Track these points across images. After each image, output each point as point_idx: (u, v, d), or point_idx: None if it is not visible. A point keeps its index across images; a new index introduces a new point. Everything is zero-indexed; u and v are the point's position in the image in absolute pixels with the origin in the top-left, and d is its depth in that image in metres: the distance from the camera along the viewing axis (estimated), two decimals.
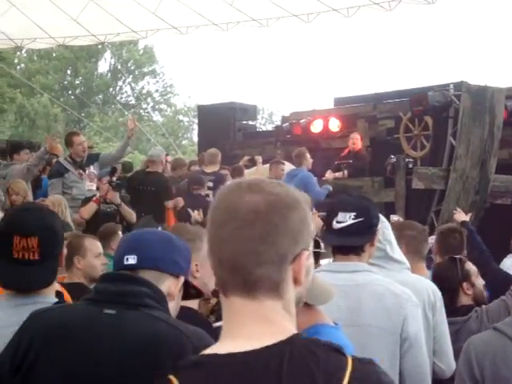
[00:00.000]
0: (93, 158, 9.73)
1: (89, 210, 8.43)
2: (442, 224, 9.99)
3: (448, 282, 4.75)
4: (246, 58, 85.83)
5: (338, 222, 3.42)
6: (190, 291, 2.63)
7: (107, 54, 47.82)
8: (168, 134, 33.09)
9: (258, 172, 11.38)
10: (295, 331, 1.57)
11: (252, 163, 12.14)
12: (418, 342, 3.39)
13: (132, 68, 49.42)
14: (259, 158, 11.72)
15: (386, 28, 78.90)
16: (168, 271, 2.46)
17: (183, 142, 47.52)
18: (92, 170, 9.51)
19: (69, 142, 9.57)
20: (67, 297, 3.46)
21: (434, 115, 11.37)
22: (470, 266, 4.94)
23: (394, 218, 7.97)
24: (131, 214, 8.66)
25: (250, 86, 75.56)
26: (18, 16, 16.37)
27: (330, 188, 10.96)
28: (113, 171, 8.84)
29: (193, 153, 25.04)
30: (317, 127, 13.59)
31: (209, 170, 10.75)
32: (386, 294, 3.39)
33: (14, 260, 2.74)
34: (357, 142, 12.38)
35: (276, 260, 1.54)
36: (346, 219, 3.41)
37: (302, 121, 13.73)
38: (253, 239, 1.53)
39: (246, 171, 11.56)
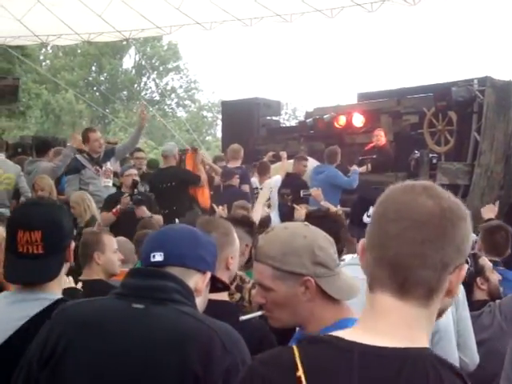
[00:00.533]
0: (109, 154, 9.76)
1: (107, 220, 8.47)
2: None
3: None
4: (269, 54, 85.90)
5: (369, 217, 3.41)
6: (216, 285, 2.64)
7: (132, 51, 48.12)
8: (192, 130, 33.18)
9: (283, 167, 11.38)
10: (427, 345, 1.57)
11: (277, 159, 12.14)
12: (447, 335, 3.40)
13: (156, 64, 49.57)
14: (284, 154, 11.71)
15: (410, 22, 78.60)
16: (195, 267, 2.47)
17: (207, 138, 47.64)
18: (109, 166, 9.55)
19: (85, 139, 9.63)
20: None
21: (458, 110, 11.34)
22: (485, 262, 4.94)
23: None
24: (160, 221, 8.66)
25: (274, 82, 75.70)
26: (44, 12, 16.46)
27: (358, 170, 10.99)
28: (134, 184, 8.85)
29: (216, 148, 25.14)
30: (340, 122, 13.59)
31: (231, 165, 10.80)
32: None
33: (18, 254, 2.73)
34: (381, 138, 12.35)
35: (439, 267, 1.55)
36: None
37: (326, 116, 13.73)
38: (422, 241, 1.54)
39: (272, 166, 11.57)
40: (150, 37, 33.95)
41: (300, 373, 1.50)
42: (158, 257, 2.42)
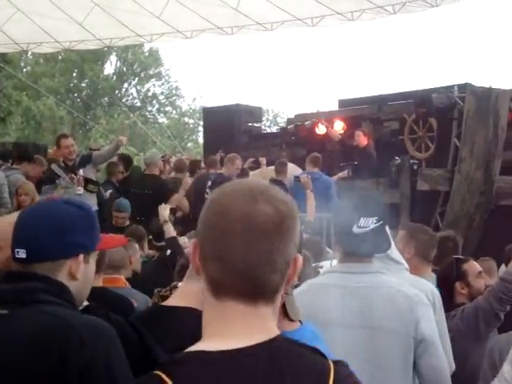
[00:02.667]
0: (86, 160, 9.68)
1: None
2: (446, 225, 10.06)
3: (443, 280, 4.86)
4: (250, 61, 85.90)
5: (359, 227, 3.41)
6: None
7: (113, 57, 47.97)
8: (173, 137, 33.13)
9: (263, 174, 11.43)
10: (276, 333, 1.61)
11: (256, 165, 12.18)
12: (433, 343, 3.40)
13: (137, 70, 49.42)
14: (263, 160, 11.76)
15: (390, 30, 78.88)
16: (62, 257, 2.33)
17: (189, 145, 47.56)
18: (81, 172, 9.45)
19: (57, 145, 9.61)
20: None
21: (438, 117, 11.41)
22: (470, 267, 4.99)
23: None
24: None
25: (255, 89, 75.69)
26: (24, 20, 16.41)
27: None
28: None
29: (198, 155, 25.17)
30: (321, 129, 13.63)
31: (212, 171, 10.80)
32: (398, 296, 3.39)
33: None
34: (359, 138, 12.32)
35: (284, 267, 1.60)
36: (368, 224, 3.40)
37: (307, 122, 13.78)
38: (270, 250, 1.57)
39: (251, 173, 11.61)
40: (130, 44, 33.87)
41: None
42: (22, 254, 2.28)
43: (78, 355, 2.12)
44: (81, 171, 9.43)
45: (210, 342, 1.57)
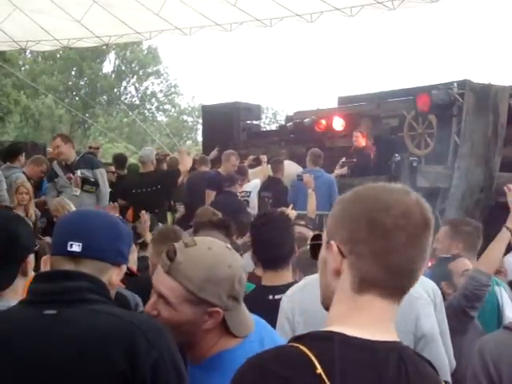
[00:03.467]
0: (86, 162, 9.59)
1: None
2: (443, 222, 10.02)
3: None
4: (249, 58, 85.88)
5: None
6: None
7: (111, 55, 47.98)
8: (172, 135, 33.14)
9: (263, 171, 11.41)
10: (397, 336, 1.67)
11: (257, 162, 12.16)
12: (433, 339, 3.40)
13: (136, 68, 49.44)
14: (264, 158, 11.73)
15: (389, 27, 78.93)
16: (112, 261, 2.35)
17: (187, 142, 47.56)
18: (79, 173, 9.34)
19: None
20: None
21: (437, 114, 11.38)
22: (454, 266, 4.94)
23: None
24: None
25: (254, 86, 75.70)
26: (22, 18, 16.40)
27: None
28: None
29: (197, 153, 25.17)
30: (321, 126, 13.60)
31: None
32: None
33: None
34: (357, 139, 12.33)
35: (424, 266, 1.69)
36: None
37: (306, 120, 13.75)
38: (425, 246, 1.64)
39: (251, 171, 11.58)
40: (129, 42, 33.89)
41: (320, 370, 1.52)
42: (76, 247, 2.26)
43: (147, 355, 2.13)
44: (78, 172, 9.33)
45: (347, 328, 1.60)
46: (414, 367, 1.60)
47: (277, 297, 3.84)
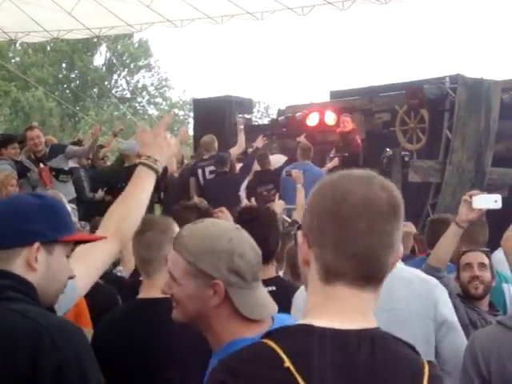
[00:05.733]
0: (56, 150, 9.47)
1: None
2: None
3: None
4: (241, 51, 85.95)
5: None
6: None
7: (102, 48, 47.80)
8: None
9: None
10: (376, 323, 1.66)
11: (245, 156, 12.10)
12: (454, 325, 3.44)
13: (127, 61, 49.30)
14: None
15: (381, 21, 78.89)
16: (17, 245, 2.24)
17: (178, 136, 47.48)
18: (53, 165, 9.30)
19: (24, 138, 9.42)
20: None
21: (430, 108, 11.37)
22: (460, 259, 4.92)
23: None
24: None
25: (246, 80, 75.57)
26: (12, 9, 16.29)
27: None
28: None
29: (188, 146, 25.08)
30: (312, 120, 13.55)
31: (207, 156, 10.72)
32: (415, 280, 3.44)
33: None
34: (346, 124, 12.24)
35: (396, 253, 1.65)
36: None
37: (298, 114, 13.70)
38: (390, 233, 1.61)
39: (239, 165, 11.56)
40: (120, 34, 33.79)
41: (288, 364, 1.52)
42: None
43: (51, 358, 2.06)
44: (51, 162, 9.27)
45: (317, 320, 1.60)
46: (388, 351, 1.59)
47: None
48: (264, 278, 3.88)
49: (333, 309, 1.61)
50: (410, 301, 3.37)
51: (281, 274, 4.43)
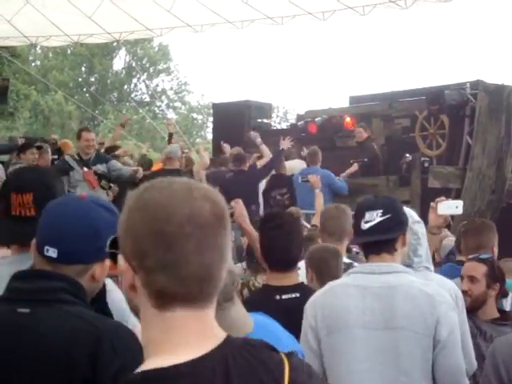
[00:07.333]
0: (101, 159, 9.61)
1: None
2: (458, 223, 9.94)
3: None
4: (261, 56, 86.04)
5: (366, 222, 3.37)
6: None
7: (122, 52, 48.01)
8: (182, 132, 33.11)
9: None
10: (225, 334, 1.56)
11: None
12: (450, 344, 3.33)
13: (147, 65, 49.50)
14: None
15: (402, 26, 78.78)
16: (92, 261, 2.31)
17: (197, 140, 47.56)
18: (100, 169, 9.39)
19: (78, 137, 9.59)
20: None
21: (450, 114, 11.32)
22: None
23: None
24: None
25: (265, 84, 75.62)
26: (33, 13, 16.39)
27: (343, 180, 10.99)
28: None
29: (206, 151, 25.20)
30: (332, 125, 13.53)
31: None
32: (420, 295, 3.33)
33: (12, 217, 2.75)
34: (360, 135, 12.20)
35: (227, 262, 1.56)
36: (373, 217, 3.35)
37: (317, 119, 13.69)
38: (222, 245, 1.52)
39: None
40: (140, 38, 33.99)
41: None
42: (52, 253, 2.25)
43: (111, 362, 2.11)
44: (98, 166, 9.45)
45: (162, 357, 1.48)
46: (245, 363, 1.51)
47: (284, 297, 3.85)
48: (288, 285, 3.92)
49: (176, 339, 1.50)
50: (412, 319, 3.29)
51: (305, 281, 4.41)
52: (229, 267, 2.29)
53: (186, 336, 1.50)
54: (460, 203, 4.53)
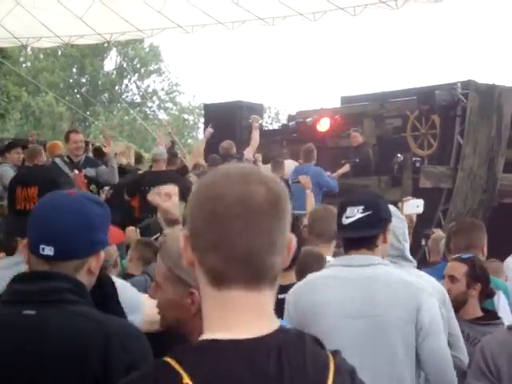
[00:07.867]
0: (91, 163, 9.59)
1: None
2: (449, 223, 9.97)
3: None
4: (252, 57, 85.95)
5: (347, 218, 3.43)
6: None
7: (113, 53, 47.94)
8: (173, 133, 33.08)
9: None
10: (279, 321, 1.59)
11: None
12: (433, 330, 3.38)
13: (138, 66, 49.43)
14: (259, 157, 11.72)
15: (392, 26, 78.87)
16: (88, 255, 2.32)
17: (189, 141, 47.52)
18: (90, 172, 9.36)
19: (66, 139, 9.56)
20: None
21: (441, 114, 11.35)
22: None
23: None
24: None
25: (257, 85, 75.60)
26: (24, 15, 16.34)
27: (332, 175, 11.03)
28: None
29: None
30: (323, 126, 13.55)
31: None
32: (399, 284, 3.39)
33: (17, 211, 2.74)
34: (355, 139, 12.28)
35: (282, 249, 1.57)
36: (354, 213, 3.42)
37: (309, 119, 13.70)
38: (269, 230, 1.54)
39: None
40: (131, 39, 33.98)
41: (187, 380, 1.47)
42: (48, 251, 2.24)
43: (121, 361, 2.14)
44: (86, 170, 9.39)
45: (219, 333, 1.53)
46: (297, 354, 1.54)
47: (280, 296, 3.84)
48: (284, 284, 3.94)
49: (230, 317, 1.54)
50: (392, 306, 3.33)
51: None
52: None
53: (240, 315, 1.54)
54: (421, 202, 4.50)
